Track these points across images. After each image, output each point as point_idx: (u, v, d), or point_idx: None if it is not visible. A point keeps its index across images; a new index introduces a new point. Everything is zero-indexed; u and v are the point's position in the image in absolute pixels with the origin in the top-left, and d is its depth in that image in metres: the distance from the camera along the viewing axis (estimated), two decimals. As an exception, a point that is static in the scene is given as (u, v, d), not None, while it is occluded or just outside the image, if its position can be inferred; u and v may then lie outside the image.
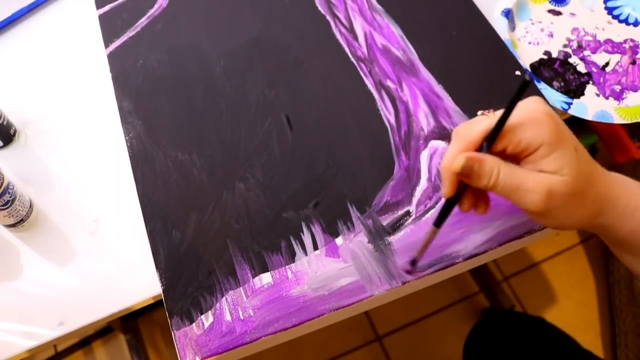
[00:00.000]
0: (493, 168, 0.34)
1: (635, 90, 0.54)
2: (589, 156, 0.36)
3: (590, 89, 0.54)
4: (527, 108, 0.35)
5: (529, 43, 0.57)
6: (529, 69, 0.54)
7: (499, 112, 0.34)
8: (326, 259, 0.44)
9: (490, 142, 0.35)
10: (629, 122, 0.51)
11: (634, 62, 0.55)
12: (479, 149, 0.35)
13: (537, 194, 0.34)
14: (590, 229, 0.38)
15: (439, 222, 0.39)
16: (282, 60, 0.55)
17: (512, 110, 0.33)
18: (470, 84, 0.53)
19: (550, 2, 0.60)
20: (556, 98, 0.52)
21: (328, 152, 0.50)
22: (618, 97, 0.53)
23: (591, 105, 0.52)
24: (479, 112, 0.38)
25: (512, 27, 0.58)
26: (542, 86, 0.52)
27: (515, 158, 0.36)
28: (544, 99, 0.51)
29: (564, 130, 0.35)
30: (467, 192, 0.37)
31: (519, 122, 0.34)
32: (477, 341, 0.73)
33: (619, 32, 0.57)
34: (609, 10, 0.59)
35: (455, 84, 0.52)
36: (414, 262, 0.43)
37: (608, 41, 0.57)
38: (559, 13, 0.59)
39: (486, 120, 0.35)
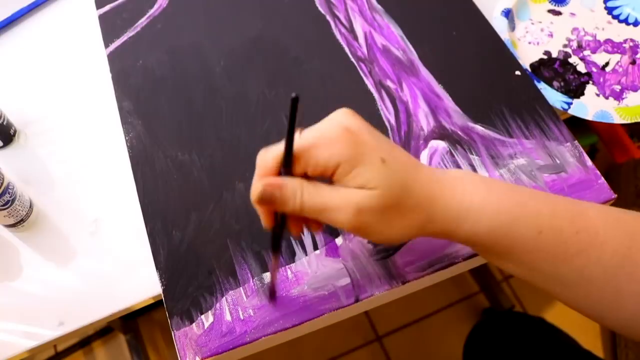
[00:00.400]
0: (295, 191, 0.33)
1: (635, 90, 0.54)
2: (406, 164, 0.34)
3: (590, 89, 0.54)
4: (323, 127, 0.33)
5: (529, 43, 0.57)
6: (529, 69, 0.54)
7: (305, 132, 0.32)
8: (326, 259, 0.44)
9: (285, 166, 0.33)
10: (629, 122, 0.51)
11: (633, 62, 0.55)
12: (279, 173, 0.34)
13: (344, 211, 0.32)
14: (430, 236, 0.35)
15: (274, 249, 0.38)
16: (282, 60, 0.55)
17: (292, 131, 0.31)
18: (470, 84, 0.53)
19: (550, 2, 0.60)
20: (556, 98, 0.52)
21: (328, 152, 0.49)
22: (618, 97, 0.53)
23: (591, 105, 0.52)
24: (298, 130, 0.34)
25: (512, 27, 0.58)
26: (542, 86, 0.52)
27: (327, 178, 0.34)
28: (544, 98, 0.51)
29: (366, 141, 0.33)
30: (290, 217, 0.35)
31: (311, 144, 0.32)
32: (477, 341, 0.73)
33: (619, 32, 0.58)
34: (609, 10, 0.59)
35: (455, 84, 0.52)
36: (272, 294, 0.42)
37: (608, 41, 0.57)
38: (559, 13, 0.59)
39: (281, 144, 0.33)
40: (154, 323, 1.13)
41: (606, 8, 0.59)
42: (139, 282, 0.46)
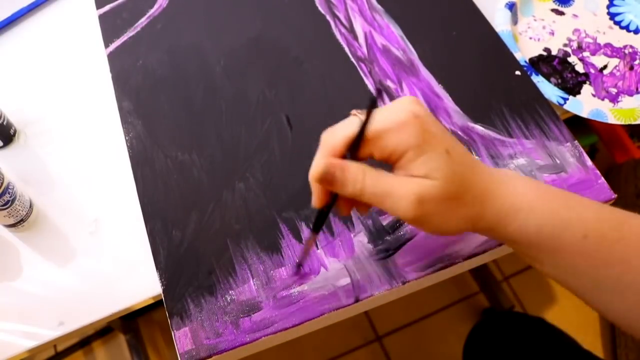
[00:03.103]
0: (357, 174, 0.33)
1: (631, 95, 0.54)
2: (466, 157, 0.34)
3: (587, 89, 0.54)
4: (394, 110, 0.33)
5: (530, 38, 0.58)
6: (528, 63, 0.54)
7: (375, 115, 0.33)
8: (326, 258, 0.44)
9: (353, 149, 0.33)
10: (622, 123, 0.51)
11: (631, 68, 0.55)
12: (344, 156, 0.34)
13: (406, 200, 0.32)
14: (475, 232, 0.36)
15: (315, 229, 0.38)
16: (282, 60, 0.55)
17: (369, 119, 0.32)
18: (470, 83, 0.53)
19: (554, 1, 0.60)
20: (553, 92, 0.52)
21: (328, 152, 0.49)
22: (613, 99, 0.54)
23: (587, 103, 0.52)
24: (352, 112, 0.35)
25: (515, 21, 0.58)
26: (539, 79, 0.53)
27: (388, 163, 0.34)
28: (544, 98, 0.51)
29: (434, 131, 0.33)
30: (340, 198, 0.35)
31: (383, 128, 0.32)
32: (477, 341, 0.73)
33: (619, 38, 0.58)
34: (611, 16, 0.59)
35: (455, 84, 0.52)
36: (298, 266, 0.43)
37: (608, 45, 0.57)
38: (562, 13, 0.59)
39: (350, 126, 0.33)
40: (154, 323, 1.13)
41: (609, 13, 0.59)
42: (139, 282, 0.46)
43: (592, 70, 0.55)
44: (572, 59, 0.56)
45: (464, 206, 0.33)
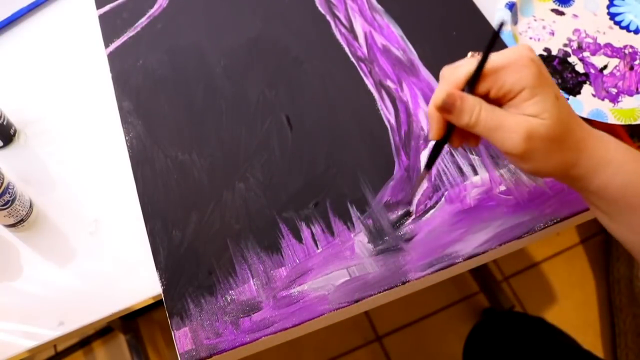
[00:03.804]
0: (474, 106, 0.35)
1: (631, 95, 0.54)
2: (570, 107, 0.37)
3: (587, 89, 0.54)
4: (512, 52, 0.35)
5: (530, 38, 0.57)
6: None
7: (493, 55, 0.35)
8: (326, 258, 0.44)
9: (471, 84, 0.36)
10: (622, 123, 0.51)
11: (631, 68, 0.55)
12: (462, 90, 0.36)
13: (517, 134, 0.34)
14: (564, 179, 0.38)
15: (429, 164, 0.40)
16: (282, 60, 0.55)
17: (488, 54, 0.35)
18: (470, 84, 0.52)
19: (554, 1, 0.60)
20: None
21: (328, 152, 0.50)
22: (614, 99, 0.54)
23: (587, 103, 0.52)
24: (469, 54, 0.38)
25: (515, 21, 0.58)
26: None
27: (498, 102, 0.36)
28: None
29: (546, 76, 0.36)
30: (454, 131, 0.38)
31: (502, 65, 0.35)
32: (477, 341, 0.73)
33: (619, 38, 0.58)
34: (611, 16, 0.59)
35: (455, 84, 0.52)
36: (409, 202, 0.45)
37: (608, 45, 0.57)
38: (562, 13, 0.59)
39: (470, 63, 0.36)
40: (154, 323, 1.13)
41: (609, 13, 0.59)
42: (139, 282, 0.46)
43: (592, 71, 0.55)
44: (572, 59, 0.56)
45: (565, 150, 0.36)
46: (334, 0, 0.59)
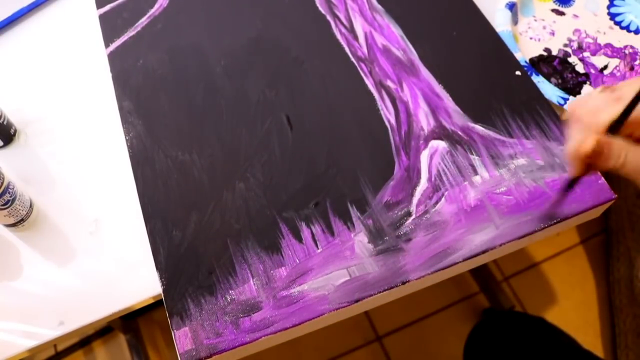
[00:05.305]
0: (621, 150, 0.36)
1: None
2: None
3: (587, 90, 0.54)
4: None
5: (530, 38, 0.58)
6: (529, 63, 0.54)
7: (624, 96, 0.35)
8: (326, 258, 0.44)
9: (613, 131, 0.36)
10: None
11: (632, 68, 0.55)
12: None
13: None
14: None
15: (568, 189, 0.42)
16: (282, 60, 0.55)
17: (636, 103, 0.35)
18: (470, 84, 0.53)
19: (554, 1, 0.60)
20: (553, 92, 0.52)
21: (328, 152, 0.50)
22: None
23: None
24: (600, 87, 0.38)
25: (515, 21, 0.58)
26: (539, 79, 0.53)
27: None
28: (544, 98, 0.51)
29: None
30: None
31: None
32: (477, 341, 0.73)
33: (620, 38, 0.58)
34: (612, 16, 0.59)
35: (455, 84, 0.52)
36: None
37: (608, 45, 0.57)
38: (562, 13, 0.59)
39: (612, 107, 0.36)
40: (154, 323, 1.13)
41: (609, 14, 0.59)
42: (139, 282, 0.46)
43: (592, 71, 0.55)
44: (573, 59, 0.56)
45: None
46: (334, 0, 0.59)
